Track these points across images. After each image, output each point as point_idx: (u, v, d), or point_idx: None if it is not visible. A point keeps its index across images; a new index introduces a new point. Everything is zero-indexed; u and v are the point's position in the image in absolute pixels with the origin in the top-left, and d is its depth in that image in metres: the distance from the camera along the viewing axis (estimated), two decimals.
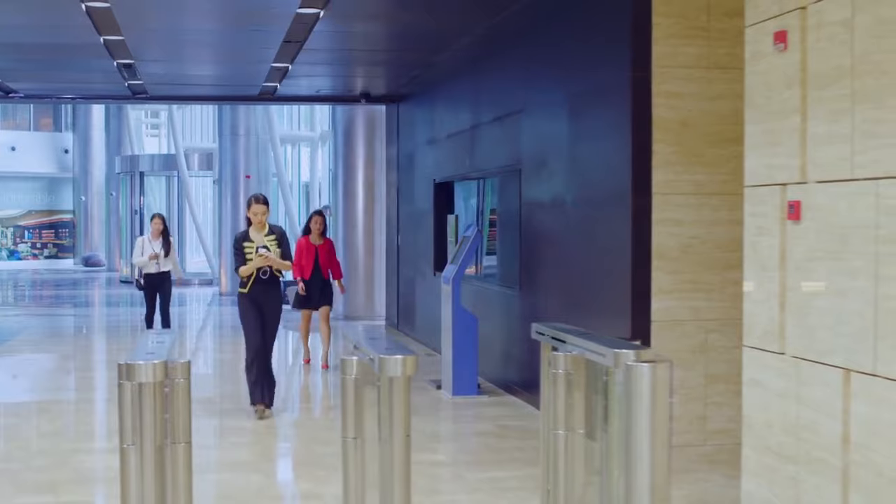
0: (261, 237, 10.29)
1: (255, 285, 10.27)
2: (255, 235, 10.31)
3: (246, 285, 10.28)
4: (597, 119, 9.01)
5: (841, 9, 5.63)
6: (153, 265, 14.85)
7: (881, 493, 5.31)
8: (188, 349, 16.38)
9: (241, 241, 10.35)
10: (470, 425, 9.81)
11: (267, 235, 10.33)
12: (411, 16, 11.39)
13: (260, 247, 10.17)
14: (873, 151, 5.38)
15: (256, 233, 10.32)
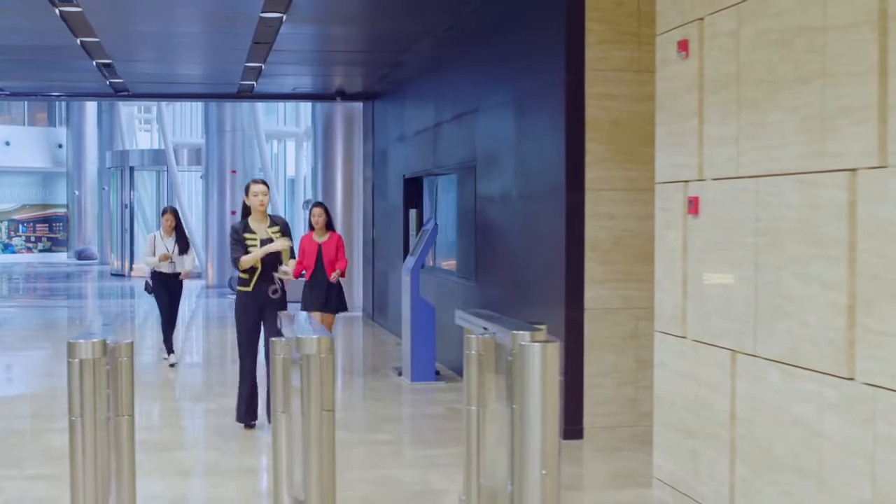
0: (263, 228, 9.05)
1: (260, 282, 9.03)
2: (257, 226, 9.04)
3: (249, 282, 9.01)
4: (537, 119, 9.53)
5: (729, 20, 6.15)
6: (166, 265, 12.96)
7: (760, 462, 5.84)
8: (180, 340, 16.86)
9: (240, 232, 8.99)
10: (421, 408, 10.30)
11: (270, 227, 9.09)
12: (370, 19, 11.89)
13: (264, 240, 9.03)
14: (754, 152, 5.90)
15: (258, 223, 9.06)
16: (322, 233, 11.46)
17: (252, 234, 8.99)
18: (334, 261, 11.40)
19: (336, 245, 11.47)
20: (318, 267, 11.37)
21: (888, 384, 4.76)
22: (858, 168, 4.97)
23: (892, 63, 4.74)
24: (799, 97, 5.44)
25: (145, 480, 7.13)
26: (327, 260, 11.37)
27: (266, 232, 9.05)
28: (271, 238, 9.01)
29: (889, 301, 4.75)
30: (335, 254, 11.43)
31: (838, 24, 5.12)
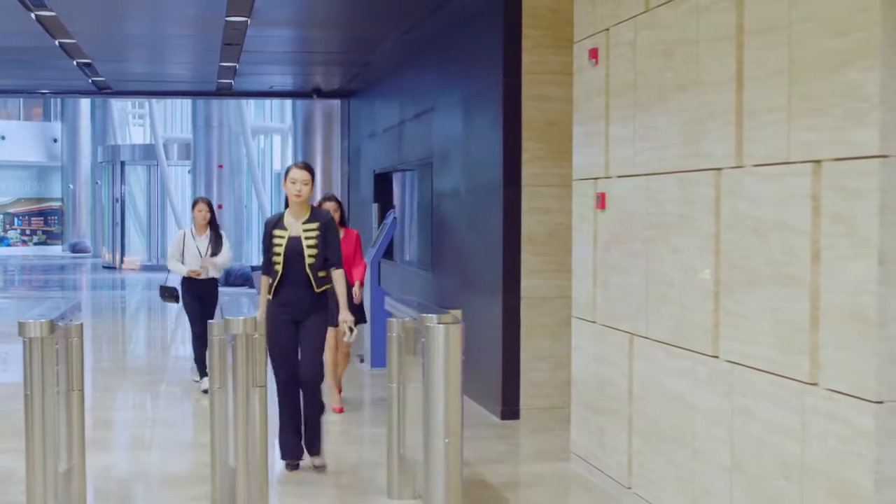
0: (297, 225, 7.48)
1: (285, 287, 7.46)
2: (292, 222, 7.50)
3: (270, 289, 7.52)
4: (480, 119, 10.09)
5: (628, 32, 6.72)
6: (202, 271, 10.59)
7: (650, 435, 6.41)
8: (169, 329, 17.41)
9: (270, 228, 7.52)
10: (377, 392, 10.84)
11: (307, 222, 7.48)
12: (330, 22, 12.43)
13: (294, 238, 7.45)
14: (646, 152, 6.48)
15: (293, 218, 7.50)
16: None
17: (282, 231, 7.48)
18: (352, 263, 9.61)
19: (354, 245, 9.80)
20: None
21: (743, 361, 5.33)
22: (722, 168, 5.54)
23: (748, 73, 5.30)
24: (680, 103, 6.01)
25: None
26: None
27: (299, 230, 7.47)
28: (299, 238, 7.45)
29: (744, 287, 5.32)
30: (353, 256, 9.69)
31: (707, 37, 5.69)
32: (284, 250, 7.46)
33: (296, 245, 7.46)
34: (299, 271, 7.44)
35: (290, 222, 7.53)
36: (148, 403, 10.71)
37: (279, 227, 7.53)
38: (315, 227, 7.50)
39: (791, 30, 4.92)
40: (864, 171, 4.39)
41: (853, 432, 4.46)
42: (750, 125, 5.26)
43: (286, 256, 7.45)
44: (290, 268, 7.44)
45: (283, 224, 7.53)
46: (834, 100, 4.59)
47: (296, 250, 7.46)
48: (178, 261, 10.65)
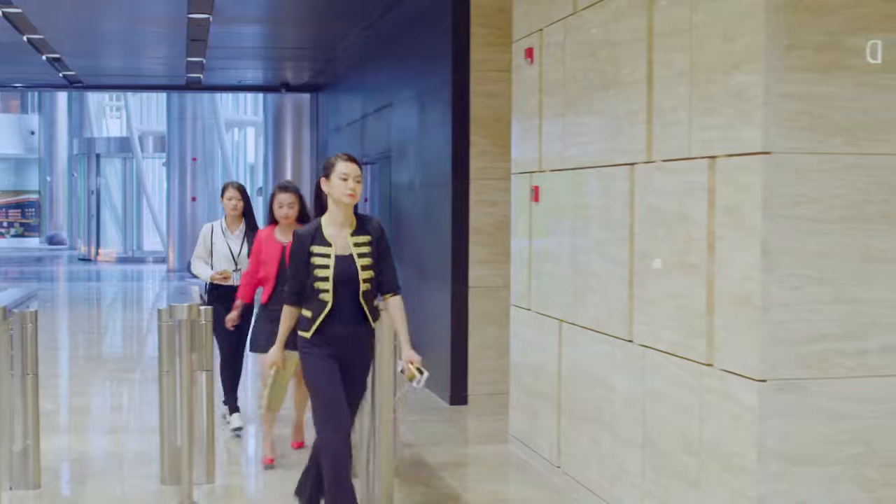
0: (344, 237, 5.67)
1: (330, 324, 5.68)
2: (334, 233, 5.67)
3: (311, 323, 5.69)
4: (432, 115, 10.42)
5: (558, 32, 7.05)
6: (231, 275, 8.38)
7: (576, 416, 6.75)
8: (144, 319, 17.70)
9: (307, 244, 5.65)
10: None
11: (356, 234, 5.71)
12: (291, 19, 12.76)
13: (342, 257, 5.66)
14: (573, 148, 6.81)
15: (337, 227, 5.67)
16: (290, 229, 7.33)
17: (325, 248, 5.63)
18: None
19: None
20: (282, 282, 7.10)
21: (652, 344, 5.67)
22: (636, 163, 5.88)
23: (657, 74, 5.64)
24: (602, 101, 6.35)
25: None
26: None
27: (347, 245, 5.67)
28: (350, 257, 5.66)
29: (653, 275, 5.66)
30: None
31: (624, 39, 6.02)
32: (334, 274, 5.62)
33: (347, 267, 5.64)
34: (350, 301, 5.67)
35: (334, 235, 5.65)
36: (114, 390, 11.02)
37: (319, 241, 5.63)
38: (366, 240, 5.71)
39: (692, 34, 5.26)
40: (750, 167, 4.73)
41: (741, 409, 4.81)
42: (658, 123, 5.60)
43: (336, 283, 5.63)
44: (339, 297, 5.64)
45: (324, 237, 5.64)
46: (726, 100, 4.93)
47: (347, 274, 5.63)
48: (205, 263, 8.46)
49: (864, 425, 4.75)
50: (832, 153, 4.67)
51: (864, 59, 4.69)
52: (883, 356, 4.74)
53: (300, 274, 5.70)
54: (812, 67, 4.65)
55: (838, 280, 4.70)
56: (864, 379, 4.74)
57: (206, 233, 8.64)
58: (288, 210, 7.58)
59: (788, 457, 4.69)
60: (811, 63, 4.65)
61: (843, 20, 4.67)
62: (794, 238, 4.65)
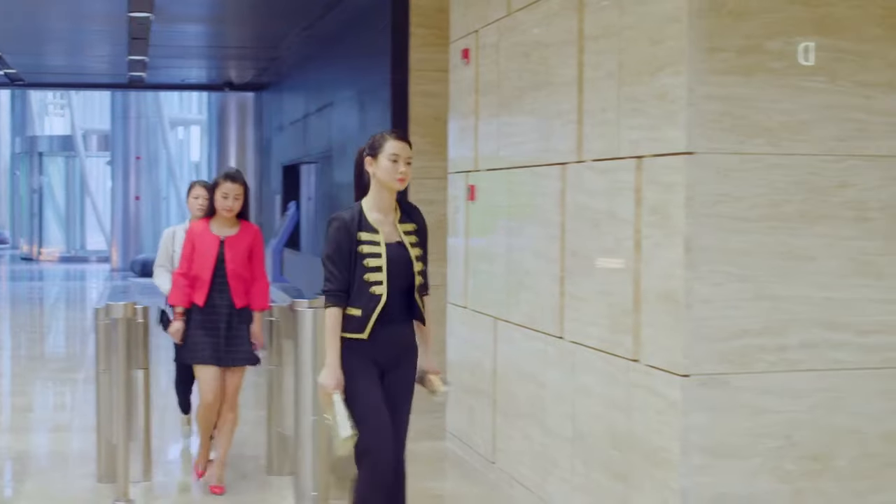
0: (391, 223, 5.04)
1: (382, 326, 4.95)
2: (380, 218, 5.02)
3: (364, 323, 4.93)
4: (371, 114, 10.51)
5: (492, 34, 7.14)
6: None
7: (510, 412, 6.84)
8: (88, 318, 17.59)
9: (353, 229, 4.94)
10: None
11: (403, 221, 5.10)
12: (233, 18, 12.80)
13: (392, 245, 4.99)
14: (508, 147, 6.90)
15: (382, 213, 5.03)
16: (231, 223, 6.75)
17: (373, 235, 4.95)
18: (247, 276, 6.75)
19: (250, 246, 6.79)
20: (219, 283, 6.65)
21: (582, 341, 5.77)
22: (567, 162, 5.98)
23: (587, 75, 5.74)
24: (535, 101, 6.44)
25: None
26: (233, 272, 6.67)
27: (396, 231, 5.05)
28: (401, 244, 5.03)
29: (583, 273, 5.76)
30: (249, 264, 6.77)
31: (556, 41, 6.12)
32: (387, 263, 4.94)
33: (400, 255, 4.99)
34: (402, 296, 5.01)
35: (380, 220, 4.99)
36: (56, 389, 11.00)
37: (365, 227, 4.94)
38: (413, 228, 5.11)
39: (620, 36, 5.36)
40: (674, 167, 4.84)
41: (665, 404, 4.91)
42: (588, 123, 5.70)
43: (390, 273, 4.95)
44: (392, 290, 4.95)
45: (369, 223, 4.96)
46: (652, 101, 5.03)
47: (401, 263, 4.98)
48: (167, 272, 7.57)
49: (783, 419, 4.87)
50: (753, 153, 4.79)
51: (784, 62, 4.81)
52: (802, 351, 4.87)
53: (347, 265, 4.88)
54: (734, 70, 4.76)
55: (759, 277, 4.82)
56: (784, 374, 4.86)
57: (167, 238, 7.72)
58: (233, 202, 6.67)
59: (711, 450, 4.80)
60: (733, 66, 4.76)
61: (763, 24, 4.79)
62: (716, 236, 4.77)
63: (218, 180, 6.77)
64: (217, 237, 6.73)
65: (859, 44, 4.92)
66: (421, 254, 5.09)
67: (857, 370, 4.94)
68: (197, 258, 6.70)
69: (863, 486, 5.00)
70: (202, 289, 6.67)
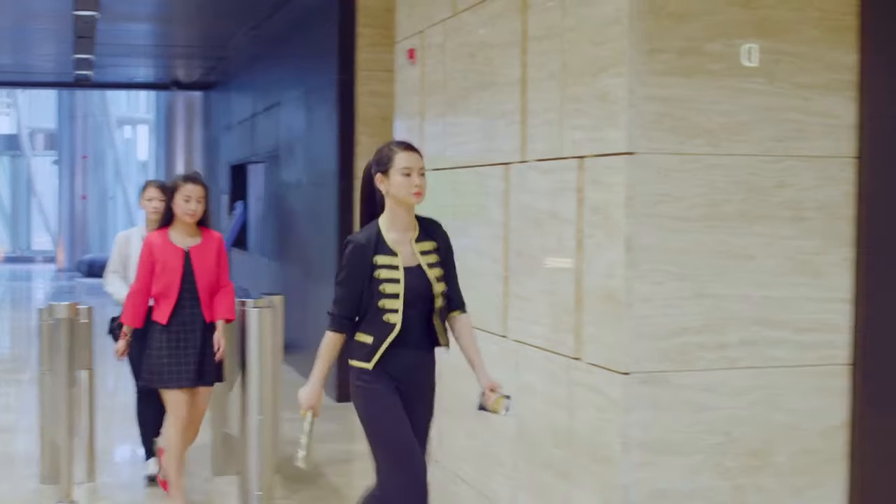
0: (408, 243, 4.72)
1: (397, 351, 4.67)
2: (398, 238, 4.71)
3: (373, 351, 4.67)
4: (318, 114, 10.51)
5: (438, 34, 7.17)
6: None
7: (456, 412, 6.86)
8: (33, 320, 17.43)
9: (369, 253, 4.63)
10: None
11: (421, 240, 4.78)
12: (179, 17, 12.76)
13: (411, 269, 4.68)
14: (453, 147, 6.94)
15: (400, 232, 4.72)
16: (192, 231, 6.37)
17: (391, 258, 4.64)
18: (215, 288, 6.39)
19: (217, 255, 6.42)
20: (186, 297, 6.29)
21: (525, 339, 5.81)
22: (510, 162, 6.02)
23: (530, 76, 5.78)
24: (479, 102, 6.48)
25: None
26: (203, 285, 6.32)
27: (414, 254, 4.72)
28: (419, 268, 4.70)
29: (527, 272, 5.81)
30: (217, 275, 6.40)
31: (500, 41, 6.16)
32: (405, 290, 4.65)
33: (418, 281, 4.67)
34: (419, 322, 4.71)
35: (398, 241, 4.68)
36: (1, 390, 10.91)
37: (383, 250, 4.63)
38: (432, 247, 4.79)
39: (563, 38, 5.41)
40: (615, 167, 4.89)
41: (607, 402, 4.96)
42: (532, 123, 5.75)
43: (406, 300, 4.66)
44: (407, 318, 4.66)
45: (387, 245, 4.64)
46: (593, 102, 5.08)
47: (419, 290, 4.67)
48: (121, 278, 7.10)
49: (723, 416, 4.94)
50: (693, 154, 4.85)
51: (723, 64, 4.88)
52: (741, 349, 4.93)
53: (358, 291, 4.59)
54: (674, 71, 4.82)
55: (699, 276, 4.88)
56: (723, 371, 4.92)
57: (121, 242, 7.21)
58: (196, 205, 6.24)
59: (652, 447, 4.85)
60: (673, 67, 4.82)
61: (703, 26, 4.84)
62: (656, 235, 4.82)
63: (177, 183, 6.30)
64: (181, 249, 6.27)
65: (797, 46, 4.99)
66: (442, 274, 4.73)
67: (795, 367, 5.02)
68: (160, 274, 6.22)
69: (801, 481, 5.07)
70: (166, 306, 6.22)
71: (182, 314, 6.23)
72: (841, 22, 5.04)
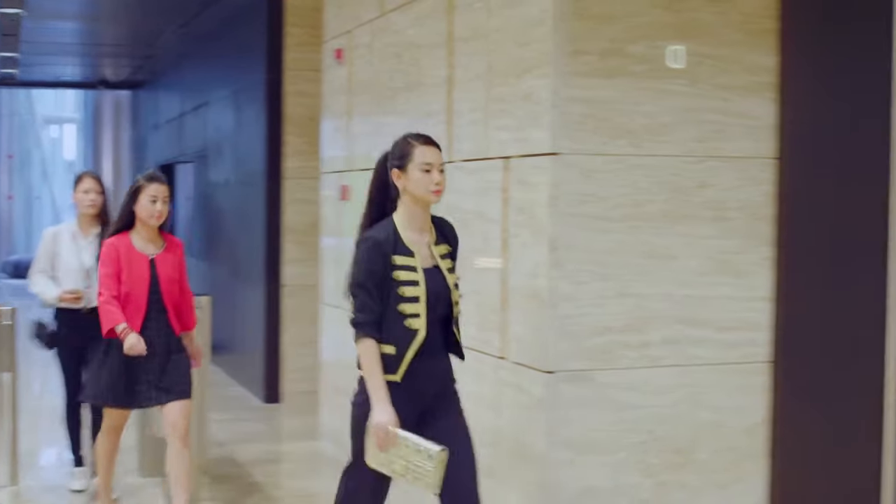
0: (425, 244, 4.38)
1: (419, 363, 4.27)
2: (415, 239, 4.35)
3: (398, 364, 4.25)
4: (247, 114, 10.46)
5: (366, 35, 7.17)
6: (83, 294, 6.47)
7: None
8: None
9: (387, 252, 4.27)
10: None
11: (439, 244, 4.45)
12: (107, 15, 12.64)
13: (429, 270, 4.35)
14: (381, 147, 6.90)
15: (416, 232, 4.37)
16: (154, 236, 5.81)
17: (408, 259, 4.29)
18: (175, 294, 5.87)
19: (179, 264, 5.96)
20: (153, 311, 5.76)
21: None
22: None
23: (458, 76, 5.80)
24: (407, 102, 6.49)
25: None
26: (169, 296, 5.81)
27: (431, 255, 4.40)
28: (440, 268, 4.38)
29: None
30: (179, 284, 5.94)
31: (427, 42, 6.17)
32: (426, 293, 4.31)
33: (438, 283, 4.35)
34: (440, 329, 4.38)
35: (415, 242, 4.35)
36: None
37: (400, 250, 4.29)
38: (448, 251, 4.47)
39: (488, 38, 5.43)
40: (539, 167, 4.93)
41: (532, 400, 5.00)
42: (458, 124, 5.77)
43: (428, 305, 4.31)
44: (430, 322, 4.31)
45: (405, 244, 4.31)
46: (518, 103, 5.11)
47: (439, 292, 4.35)
48: (48, 278, 6.58)
49: (647, 414, 4.99)
50: (616, 154, 4.90)
51: (646, 66, 4.93)
52: (664, 348, 4.99)
53: (379, 292, 4.21)
54: (597, 73, 4.86)
55: (622, 275, 4.93)
56: (646, 370, 4.98)
57: (48, 239, 6.62)
58: (163, 206, 5.72)
59: (576, 445, 4.90)
60: (596, 69, 4.86)
61: (626, 28, 4.89)
62: (580, 235, 4.86)
63: (141, 184, 5.72)
64: (145, 256, 5.72)
65: (719, 48, 5.06)
66: (457, 280, 4.42)
67: (717, 365, 5.09)
68: (124, 283, 5.66)
69: (724, 477, 5.14)
70: (135, 319, 5.65)
71: (149, 327, 5.69)
72: (762, 25, 5.12)
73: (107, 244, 5.70)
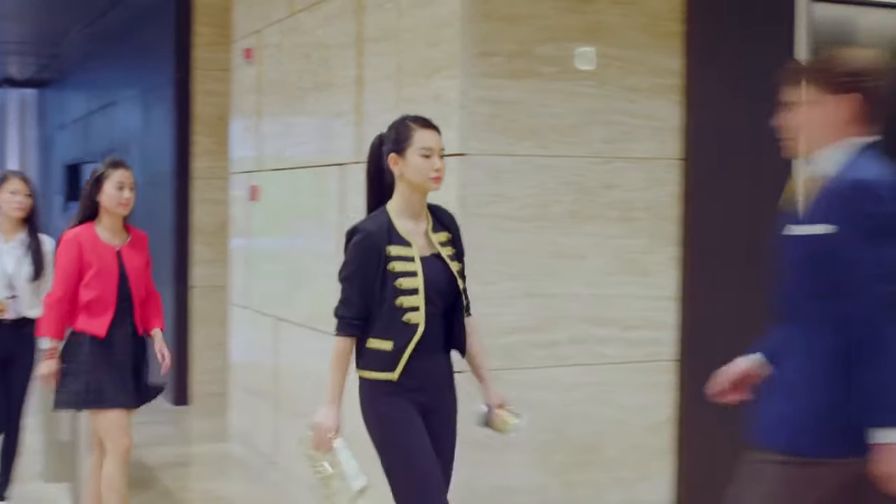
0: (423, 233, 4.04)
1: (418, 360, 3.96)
2: (411, 227, 4.02)
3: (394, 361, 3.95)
4: (155, 113, 10.34)
5: (275, 35, 7.14)
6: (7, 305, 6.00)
7: (291, 411, 6.85)
8: None
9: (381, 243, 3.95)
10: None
11: (437, 231, 4.10)
12: (11, 14, 12.44)
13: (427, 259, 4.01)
14: (291, 147, 6.91)
15: (412, 221, 4.04)
16: (119, 227, 5.49)
17: (405, 249, 3.97)
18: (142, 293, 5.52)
19: (146, 259, 5.69)
20: (123, 307, 5.38)
21: None
22: (346, 163, 6.02)
23: (367, 77, 5.80)
24: (316, 102, 6.47)
25: None
26: (137, 291, 5.47)
27: (431, 243, 4.06)
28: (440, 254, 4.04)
29: None
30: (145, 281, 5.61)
31: (336, 42, 6.16)
32: (424, 284, 3.98)
33: (438, 273, 4.03)
34: (441, 323, 4.06)
35: (411, 231, 4.03)
36: None
37: (396, 240, 3.98)
38: (447, 238, 4.13)
39: (398, 39, 5.44)
40: (447, 167, 4.90)
41: None
42: (367, 124, 5.76)
43: (428, 297, 4.00)
44: (429, 316, 3.98)
45: (400, 234, 4.00)
46: (428, 103, 5.12)
47: (439, 283, 4.03)
48: None
49: (554, 412, 5.03)
50: (524, 155, 4.93)
51: (554, 67, 4.97)
52: (571, 347, 5.04)
53: (369, 287, 3.94)
54: (505, 74, 4.90)
55: (530, 275, 4.96)
56: (554, 368, 5.02)
57: None
58: (130, 193, 5.37)
59: (486, 444, 4.90)
60: (504, 70, 4.89)
61: (532, 30, 4.93)
62: (488, 236, 4.89)
63: (104, 171, 5.30)
64: (112, 247, 5.36)
65: (625, 50, 5.11)
66: (461, 268, 4.08)
67: (623, 364, 5.14)
68: (94, 278, 5.26)
69: (630, 475, 5.20)
70: (105, 317, 5.28)
71: (119, 324, 5.31)
72: (667, 28, 5.19)
73: (67, 239, 5.27)
